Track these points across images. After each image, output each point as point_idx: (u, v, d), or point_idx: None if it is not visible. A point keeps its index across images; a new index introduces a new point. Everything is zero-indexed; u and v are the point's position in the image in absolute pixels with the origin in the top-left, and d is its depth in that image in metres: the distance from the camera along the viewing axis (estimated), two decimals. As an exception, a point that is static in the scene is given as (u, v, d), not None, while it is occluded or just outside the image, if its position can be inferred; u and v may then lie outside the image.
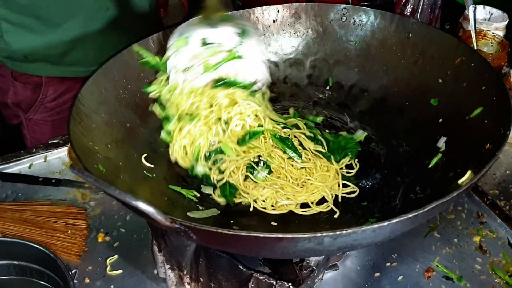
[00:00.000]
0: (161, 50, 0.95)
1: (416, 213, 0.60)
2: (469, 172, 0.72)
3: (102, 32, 1.17)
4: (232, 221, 0.80)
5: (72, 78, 1.22)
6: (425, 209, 0.60)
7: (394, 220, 0.59)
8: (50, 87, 1.22)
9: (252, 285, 0.74)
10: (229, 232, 0.59)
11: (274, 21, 1.05)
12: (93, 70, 0.86)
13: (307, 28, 1.05)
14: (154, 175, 0.87)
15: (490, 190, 1.07)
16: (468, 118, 0.82)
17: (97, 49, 1.16)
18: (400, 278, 0.90)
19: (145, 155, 0.88)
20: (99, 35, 1.17)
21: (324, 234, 0.57)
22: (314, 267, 0.74)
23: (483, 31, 1.26)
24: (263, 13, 1.04)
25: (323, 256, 0.76)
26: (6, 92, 1.26)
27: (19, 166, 1.11)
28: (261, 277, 0.73)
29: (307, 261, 0.74)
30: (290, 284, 0.72)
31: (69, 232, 0.95)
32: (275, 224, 0.81)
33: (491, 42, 1.26)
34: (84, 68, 1.18)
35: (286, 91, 1.05)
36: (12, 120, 1.33)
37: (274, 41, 1.05)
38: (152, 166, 0.88)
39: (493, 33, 1.26)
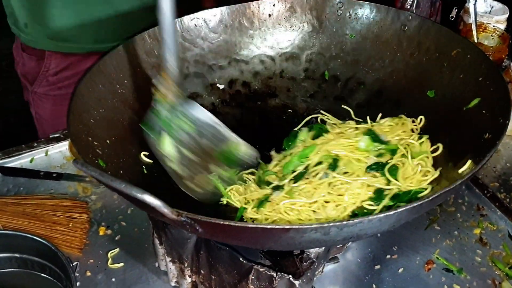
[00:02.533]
0: (157, 46, 0.95)
1: (421, 202, 0.60)
2: (469, 162, 0.72)
3: (100, 12, 1.17)
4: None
5: (73, 55, 1.22)
6: (430, 198, 0.61)
7: (400, 209, 0.59)
8: (53, 60, 1.23)
9: (253, 277, 0.74)
10: (236, 224, 0.59)
11: (269, 15, 1.04)
12: (89, 67, 0.86)
13: (302, 22, 1.05)
14: (153, 171, 0.87)
15: (490, 182, 1.07)
16: (465, 109, 0.82)
17: (94, 28, 1.16)
18: (400, 270, 0.90)
19: (144, 151, 0.88)
20: (97, 14, 1.17)
21: (330, 224, 0.58)
22: (314, 259, 0.74)
23: (483, 24, 1.26)
24: (258, 7, 1.04)
25: (324, 248, 0.77)
26: (18, 62, 1.29)
27: (20, 160, 1.11)
28: (261, 269, 0.73)
29: (307, 253, 0.74)
30: (290, 276, 0.72)
31: (70, 225, 0.95)
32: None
33: (491, 35, 1.26)
34: (79, 45, 1.19)
35: (282, 85, 1.05)
36: (25, 94, 1.35)
37: (270, 35, 1.05)
38: (151, 161, 0.88)
39: (493, 26, 1.26)
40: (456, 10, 1.31)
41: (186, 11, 1.00)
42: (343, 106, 1.00)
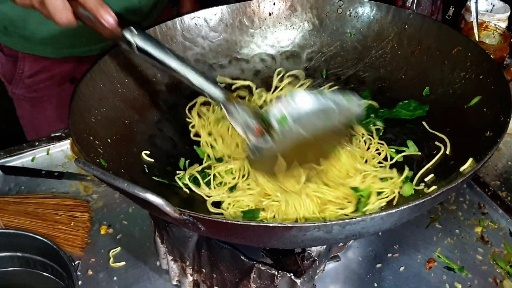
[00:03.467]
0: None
1: (423, 200, 0.61)
2: (470, 160, 0.73)
3: None
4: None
5: (46, 59, 1.21)
6: (432, 196, 0.61)
7: (402, 207, 0.60)
8: (26, 63, 1.22)
9: (254, 275, 0.74)
10: (239, 223, 0.60)
11: (270, 14, 1.04)
12: (90, 66, 0.86)
13: (303, 21, 1.05)
14: (154, 170, 0.87)
15: (491, 181, 1.07)
16: (466, 107, 0.82)
17: (70, 32, 1.13)
18: (401, 268, 0.90)
19: (145, 150, 0.88)
20: None
21: (333, 222, 0.58)
22: (315, 258, 0.75)
23: (485, 22, 1.26)
24: (259, 6, 1.04)
25: (325, 247, 0.77)
26: None
27: (21, 159, 1.11)
28: (263, 268, 0.73)
29: (309, 251, 0.74)
30: (291, 274, 0.73)
31: (72, 224, 0.96)
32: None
33: (493, 34, 1.26)
34: (54, 49, 1.18)
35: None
36: (8, 91, 1.34)
37: (270, 34, 1.05)
38: (152, 160, 0.88)
39: (495, 25, 1.26)
40: (454, 9, 1.31)
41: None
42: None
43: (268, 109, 0.84)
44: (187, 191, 0.85)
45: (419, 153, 0.87)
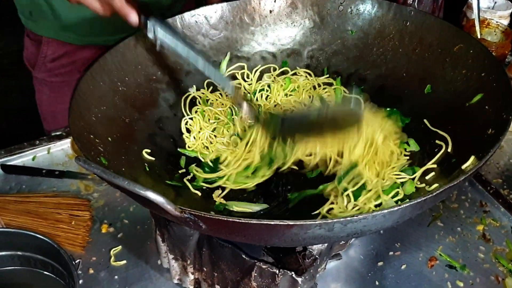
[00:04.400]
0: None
1: (425, 198, 0.60)
2: (472, 158, 0.72)
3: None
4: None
5: (69, 44, 1.24)
6: (434, 194, 0.61)
7: (404, 205, 0.59)
8: (50, 47, 1.25)
9: (255, 274, 0.74)
10: (240, 221, 0.59)
11: (271, 11, 1.04)
12: (89, 64, 0.86)
13: (304, 18, 1.04)
14: (155, 168, 0.87)
15: (493, 179, 1.07)
16: (468, 104, 0.82)
17: (92, 20, 1.16)
18: (403, 267, 0.90)
19: (146, 148, 0.88)
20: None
21: (335, 220, 0.58)
22: (317, 256, 0.74)
23: (486, 19, 1.25)
24: (259, 3, 1.03)
25: (326, 245, 0.77)
26: (24, 46, 1.33)
27: (22, 158, 1.11)
28: (264, 266, 0.73)
29: (310, 250, 0.74)
30: (293, 273, 0.72)
31: (73, 223, 0.96)
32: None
33: (494, 31, 1.25)
34: (76, 36, 1.22)
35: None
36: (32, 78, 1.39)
37: (271, 31, 1.05)
38: (153, 159, 0.88)
39: (497, 22, 1.25)
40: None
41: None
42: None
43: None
44: (198, 192, 0.86)
45: (421, 151, 0.87)
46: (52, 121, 1.35)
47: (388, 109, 0.94)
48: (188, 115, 0.98)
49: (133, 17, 0.82)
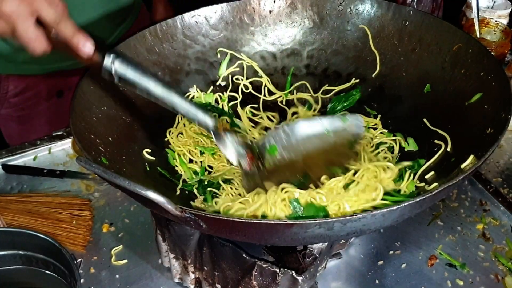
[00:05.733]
0: (158, 43, 0.96)
1: (424, 197, 0.61)
2: (471, 157, 0.72)
3: None
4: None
5: (30, 76, 1.18)
6: (433, 193, 0.61)
7: (403, 204, 0.59)
8: (10, 82, 1.19)
9: (256, 273, 0.75)
10: (240, 220, 0.60)
11: (270, 12, 1.04)
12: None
13: (303, 18, 1.05)
14: (156, 168, 0.87)
15: (493, 178, 1.07)
16: (467, 104, 0.82)
17: None
18: (403, 266, 0.90)
19: (147, 148, 0.89)
20: None
21: (334, 219, 0.58)
22: (317, 255, 0.75)
23: (486, 19, 1.26)
24: (259, 3, 1.03)
25: (326, 244, 0.77)
26: None
27: (23, 158, 1.12)
28: (264, 265, 0.73)
29: (310, 249, 0.74)
30: (293, 272, 0.73)
31: (74, 222, 0.96)
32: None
33: (494, 30, 1.25)
34: (40, 66, 1.15)
35: (284, 81, 1.05)
36: None
37: (271, 31, 1.05)
38: (154, 159, 0.88)
39: (496, 21, 1.25)
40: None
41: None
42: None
43: (258, 140, 0.87)
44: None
45: (420, 151, 0.87)
46: None
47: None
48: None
49: (88, 47, 0.69)
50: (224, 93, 1.02)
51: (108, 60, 0.72)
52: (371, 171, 0.80)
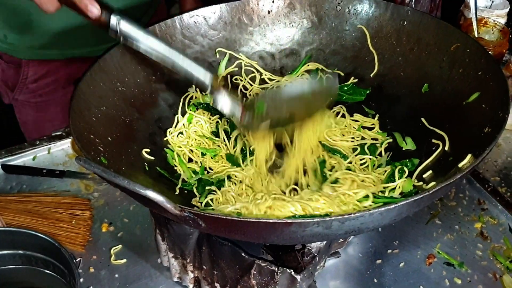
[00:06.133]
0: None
1: (421, 196, 0.61)
2: (469, 156, 0.73)
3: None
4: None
5: (51, 61, 1.20)
6: (431, 192, 0.61)
7: (401, 203, 0.60)
8: (30, 68, 1.21)
9: (255, 272, 0.75)
10: (239, 219, 0.60)
11: (269, 12, 1.05)
12: (91, 64, 0.86)
13: (302, 18, 1.05)
14: (155, 167, 0.88)
15: (491, 177, 1.07)
16: (465, 103, 0.83)
17: (75, 32, 1.14)
18: (401, 264, 0.91)
19: (146, 148, 0.89)
20: (78, 19, 1.15)
21: (332, 218, 0.59)
22: (315, 254, 0.75)
23: (484, 18, 1.26)
24: (257, 3, 1.04)
25: (325, 243, 0.77)
26: None
27: (23, 158, 1.12)
28: (263, 264, 0.74)
29: (309, 247, 0.75)
30: (292, 270, 0.73)
31: (73, 222, 0.96)
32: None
33: (492, 30, 1.25)
34: (60, 51, 1.18)
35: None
36: (4, 97, 1.33)
37: (269, 31, 1.06)
38: (153, 158, 0.89)
39: (494, 21, 1.25)
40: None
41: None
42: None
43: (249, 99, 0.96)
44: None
45: (418, 150, 0.88)
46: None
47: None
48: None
49: (94, 10, 0.75)
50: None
51: (114, 21, 0.78)
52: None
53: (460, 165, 0.74)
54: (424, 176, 0.81)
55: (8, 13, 1.11)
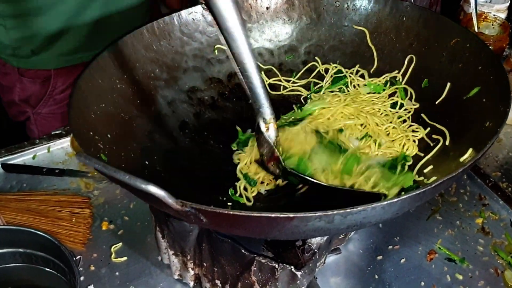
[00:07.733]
0: (156, 40, 0.96)
1: (424, 189, 0.61)
2: (470, 150, 0.73)
3: (99, 15, 1.16)
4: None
5: (80, 66, 1.20)
6: (433, 185, 0.61)
7: (403, 197, 0.60)
8: (59, 78, 1.22)
9: (255, 268, 0.75)
10: (241, 214, 0.59)
11: (267, 8, 1.04)
12: (89, 62, 0.86)
13: (300, 14, 1.04)
14: (155, 164, 0.87)
15: (492, 172, 1.07)
16: (466, 98, 0.82)
17: (94, 32, 1.15)
18: (402, 260, 0.90)
19: (145, 145, 0.89)
20: (96, 18, 1.16)
21: (334, 212, 0.58)
22: (316, 250, 0.75)
23: (484, 13, 1.25)
24: (256, 0, 1.03)
25: (325, 239, 0.77)
26: (12, 90, 1.26)
27: (23, 157, 1.12)
28: (263, 261, 0.73)
29: (309, 244, 0.74)
30: (292, 267, 0.73)
31: (73, 220, 0.96)
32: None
33: (492, 24, 1.25)
34: (87, 53, 1.18)
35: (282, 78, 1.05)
36: (18, 117, 1.33)
37: (268, 28, 1.05)
38: (153, 156, 0.88)
39: (494, 15, 1.25)
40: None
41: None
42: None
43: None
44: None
45: (418, 145, 0.87)
46: None
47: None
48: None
49: None
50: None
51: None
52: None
53: (461, 159, 0.73)
54: (425, 171, 0.81)
55: (34, 29, 1.12)
